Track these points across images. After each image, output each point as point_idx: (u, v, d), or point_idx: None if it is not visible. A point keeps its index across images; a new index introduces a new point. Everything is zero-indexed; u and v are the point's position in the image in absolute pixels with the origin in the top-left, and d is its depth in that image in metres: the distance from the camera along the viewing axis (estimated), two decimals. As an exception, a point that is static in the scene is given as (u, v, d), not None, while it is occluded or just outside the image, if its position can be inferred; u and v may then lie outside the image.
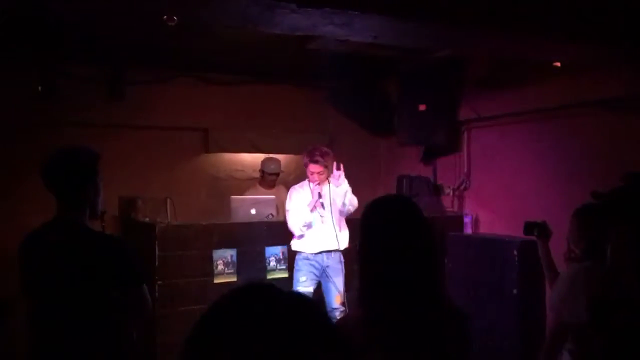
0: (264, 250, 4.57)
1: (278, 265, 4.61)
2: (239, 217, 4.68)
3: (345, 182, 4.40)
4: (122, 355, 2.33)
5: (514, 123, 5.08)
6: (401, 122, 5.46)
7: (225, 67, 5.60)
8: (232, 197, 4.87)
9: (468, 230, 5.17)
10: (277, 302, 0.80)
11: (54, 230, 2.28)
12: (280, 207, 4.89)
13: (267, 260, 4.57)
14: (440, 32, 3.05)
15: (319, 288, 4.43)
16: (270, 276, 4.53)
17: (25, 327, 2.30)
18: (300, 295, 0.85)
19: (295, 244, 4.46)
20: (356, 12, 2.51)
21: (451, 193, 5.62)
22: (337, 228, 4.40)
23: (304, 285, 4.32)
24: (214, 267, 4.34)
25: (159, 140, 5.64)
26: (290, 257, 4.56)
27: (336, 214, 4.41)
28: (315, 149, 4.39)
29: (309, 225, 4.37)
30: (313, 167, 4.37)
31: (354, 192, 4.45)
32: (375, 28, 2.84)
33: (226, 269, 4.38)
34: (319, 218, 4.41)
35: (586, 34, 3.29)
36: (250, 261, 4.50)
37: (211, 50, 4.92)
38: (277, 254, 4.61)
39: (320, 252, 4.38)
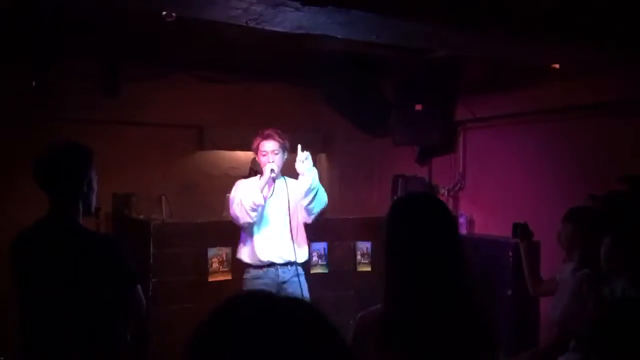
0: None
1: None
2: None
3: (314, 170, 3.71)
4: (115, 355, 2.30)
5: (509, 124, 5.08)
6: (397, 121, 5.45)
7: (220, 65, 5.57)
8: (228, 195, 4.83)
9: (462, 230, 5.17)
10: (275, 308, 0.79)
11: (46, 229, 2.25)
12: None
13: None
14: (442, 32, 3.04)
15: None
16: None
17: (17, 325, 2.27)
18: (297, 299, 0.85)
19: (241, 253, 3.84)
20: (360, 11, 2.50)
21: (446, 193, 5.61)
22: (294, 236, 3.71)
23: None
24: (209, 265, 4.31)
25: (154, 137, 5.61)
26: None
27: (294, 218, 3.74)
28: (269, 128, 3.72)
29: (256, 209, 3.63)
30: (266, 145, 3.63)
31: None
32: (378, 28, 2.83)
33: (221, 267, 4.35)
34: (273, 219, 3.74)
35: (584, 37, 3.30)
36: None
37: (207, 48, 4.88)
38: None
39: (271, 265, 3.72)
